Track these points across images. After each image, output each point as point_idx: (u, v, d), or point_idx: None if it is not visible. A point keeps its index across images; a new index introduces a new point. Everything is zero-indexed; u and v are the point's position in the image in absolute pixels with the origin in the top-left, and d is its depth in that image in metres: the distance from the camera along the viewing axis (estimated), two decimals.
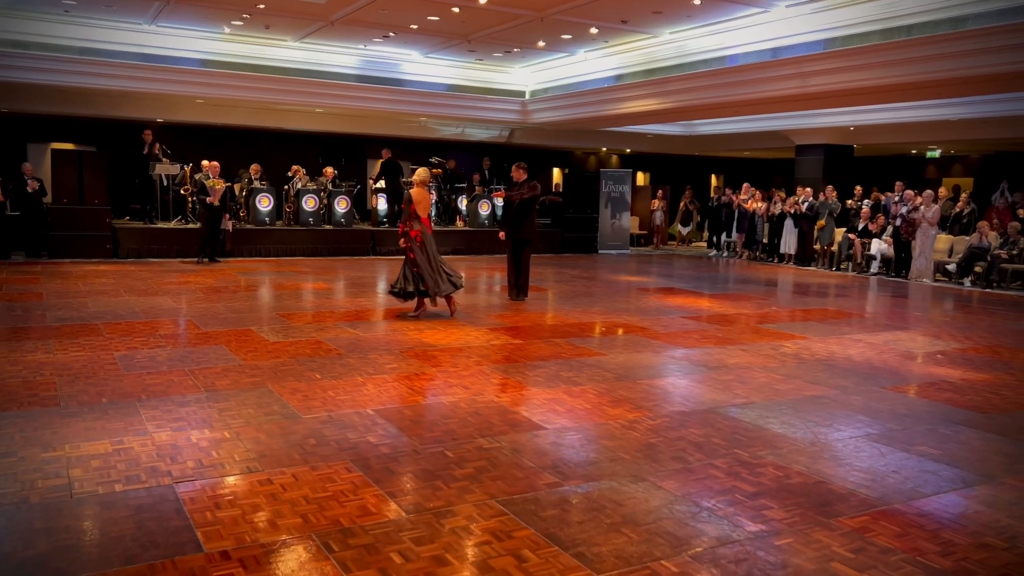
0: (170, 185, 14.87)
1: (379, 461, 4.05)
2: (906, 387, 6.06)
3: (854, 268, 15.41)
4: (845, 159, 18.90)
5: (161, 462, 3.94)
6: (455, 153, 20.66)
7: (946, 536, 3.35)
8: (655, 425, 4.83)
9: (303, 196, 15.66)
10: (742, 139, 20.57)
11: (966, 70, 10.25)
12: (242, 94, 15.55)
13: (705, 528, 3.36)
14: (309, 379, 5.68)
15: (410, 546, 3.11)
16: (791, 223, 16.50)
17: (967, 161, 21.28)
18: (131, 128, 15.68)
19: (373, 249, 16.09)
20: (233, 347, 6.70)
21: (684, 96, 14.43)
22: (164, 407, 4.87)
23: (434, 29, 14.11)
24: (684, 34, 13.95)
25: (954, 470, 4.19)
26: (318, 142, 19.02)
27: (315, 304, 9.55)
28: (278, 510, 3.42)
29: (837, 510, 3.59)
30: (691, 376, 6.26)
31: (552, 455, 4.24)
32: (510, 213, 10.10)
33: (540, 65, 17.61)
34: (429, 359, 6.48)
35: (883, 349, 7.51)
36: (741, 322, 8.91)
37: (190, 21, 13.98)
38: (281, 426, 4.57)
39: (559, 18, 12.93)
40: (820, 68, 11.90)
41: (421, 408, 5.07)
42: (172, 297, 9.52)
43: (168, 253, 14.06)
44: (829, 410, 5.30)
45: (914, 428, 4.94)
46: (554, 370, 6.22)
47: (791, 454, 4.36)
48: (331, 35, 14.82)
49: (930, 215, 13.74)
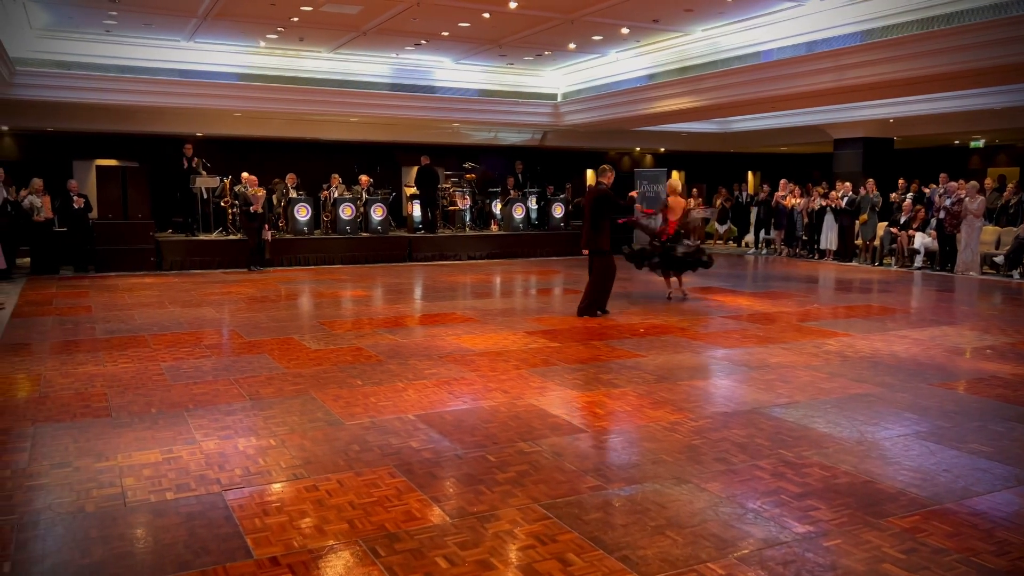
0: (210, 198, 15.15)
1: (422, 466, 4.08)
2: (955, 383, 5.93)
3: (897, 263, 15.12)
4: (885, 152, 18.55)
5: (210, 470, 4.02)
6: (488, 157, 20.74)
7: (1000, 535, 3.28)
8: (697, 427, 4.80)
9: (340, 205, 15.84)
10: (778, 135, 20.31)
11: (1008, 57, 10.01)
12: (278, 106, 15.80)
13: (751, 530, 3.33)
14: (351, 386, 5.74)
15: (455, 551, 3.13)
16: (831, 219, 16.25)
17: (1013, 150, 20.75)
18: (172, 143, 16.02)
19: (409, 255, 16.21)
20: (276, 355, 6.80)
21: (718, 93, 14.31)
22: (211, 416, 4.97)
23: (465, 35, 14.18)
24: (716, 31, 13.83)
25: (1007, 467, 4.09)
26: (353, 151, 19.24)
27: (354, 311, 9.65)
28: (324, 516, 3.47)
29: (887, 510, 3.53)
30: (733, 376, 6.20)
31: (594, 458, 4.23)
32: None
33: (571, 67, 17.60)
34: (468, 364, 6.51)
35: (929, 345, 7.35)
36: (782, 320, 8.80)
37: (226, 36, 14.25)
38: (325, 433, 4.63)
39: (589, 20, 12.92)
40: (857, 60, 11.70)
41: (462, 413, 5.09)
42: (215, 308, 9.69)
43: (210, 264, 14.33)
44: (875, 408, 5.21)
45: (964, 425, 4.83)
46: (593, 373, 6.21)
47: (837, 454, 4.29)
48: (364, 45, 14.99)
49: (975, 207, 13.43)
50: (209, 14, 12.47)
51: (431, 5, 11.96)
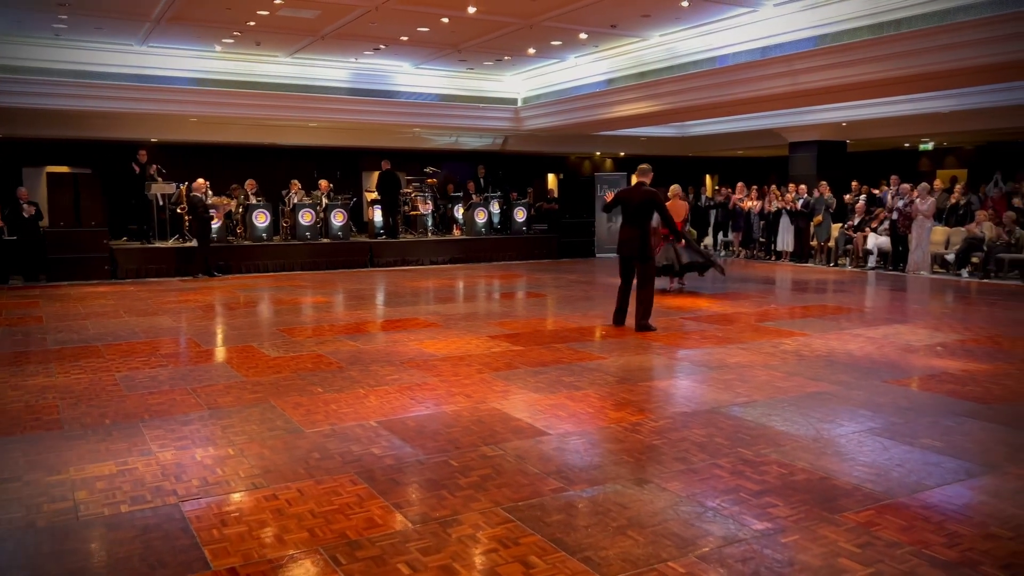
0: (166, 204, 14.90)
1: (384, 472, 4.06)
2: (907, 380, 6.07)
3: (852, 263, 15.43)
4: (838, 155, 18.94)
5: (166, 481, 3.95)
6: (450, 162, 20.72)
7: (952, 528, 3.36)
8: (658, 427, 4.84)
9: (299, 210, 15.69)
10: (735, 138, 20.62)
11: (956, 62, 10.29)
12: (235, 111, 15.60)
13: (711, 528, 3.36)
14: (311, 393, 5.69)
15: (417, 556, 3.12)
16: (787, 220, 16.54)
17: (960, 152, 21.33)
18: (126, 149, 15.70)
19: (371, 261, 16.11)
20: (235, 364, 6.71)
21: (676, 98, 14.48)
22: (167, 426, 4.88)
23: (424, 40, 14.16)
24: (673, 36, 14.01)
25: (958, 461, 4.19)
26: (313, 156, 19.07)
27: (315, 318, 9.56)
28: (284, 525, 3.43)
29: (842, 505, 3.60)
30: (692, 377, 6.27)
31: (556, 460, 4.25)
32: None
33: (531, 72, 17.67)
34: (430, 369, 6.49)
35: (883, 343, 7.52)
36: (741, 321, 8.93)
37: (181, 40, 14.03)
38: (285, 441, 4.58)
39: (548, 24, 12.99)
40: (810, 65, 11.94)
41: (424, 418, 5.07)
42: (172, 316, 9.53)
43: (167, 272, 14.09)
44: (831, 406, 5.31)
45: (917, 421, 4.95)
46: (555, 375, 6.23)
47: (795, 451, 4.37)
48: (322, 49, 14.88)
49: (925, 207, 13.77)
50: (162, 18, 12.27)
51: (389, 10, 11.92)
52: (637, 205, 8.10)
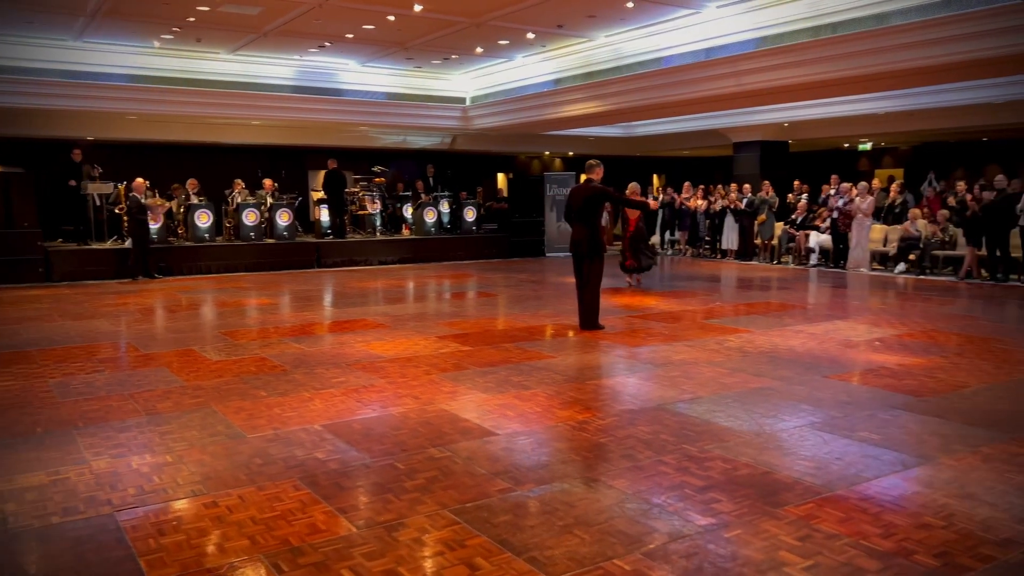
0: (104, 204, 14.46)
1: (328, 477, 3.99)
2: (847, 375, 6.22)
3: (794, 261, 15.78)
4: (781, 155, 19.36)
5: (100, 491, 3.82)
6: (398, 161, 20.58)
7: (888, 518, 3.44)
8: (605, 425, 4.86)
9: (243, 210, 15.39)
10: (681, 139, 20.91)
11: (891, 64, 10.60)
12: (175, 109, 15.25)
13: (656, 525, 3.39)
14: (254, 397, 5.57)
15: (361, 561, 3.07)
16: (731, 219, 16.83)
17: (897, 153, 21.99)
18: (60, 147, 15.20)
19: (318, 261, 15.89)
20: (175, 368, 6.54)
21: (622, 98, 14.62)
22: (103, 434, 4.73)
23: (370, 38, 14.03)
24: (619, 37, 14.13)
25: (894, 453, 4.31)
26: (257, 155, 18.73)
27: (259, 320, 9.38)
28: (225, 533, 3.34)
29: (784, 499, 3.66)
30: (639, 374, 6.32)
31: (504, 460, 4.23)
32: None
33: (479, 71, 17.65)
34: (377, 371, 6.42)
35: (824, 339, 7.69)
36: (687, 319, 9.04)
37: (117, 36, 13.65)
38: (226, 447, 4.47)
39: (495, 24, 12.98)
40: (753, 67, 12.17)
41: (370, 421, 5.01)
42: (110, 320, 9.25)
43: (105, 274, 13.67)
44: (774, 401, 5.41)
45: (855, 415, 5.07)
46: (504, 375, 6.22)
47: (738, 446, 4.43)
48: (265, 46, 14.63)
49: (865, 206, 14.14)
50: (98, 13, 11.92)
51: (334, 7, 11.78)
52: (585, 201, 8.04)
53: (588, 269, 8.08)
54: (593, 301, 8.21)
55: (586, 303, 8.21)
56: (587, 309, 8.21)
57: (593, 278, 8.11)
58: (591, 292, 8.17)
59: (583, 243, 8.04)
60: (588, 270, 8.09)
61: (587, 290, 8.16)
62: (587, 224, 8.02)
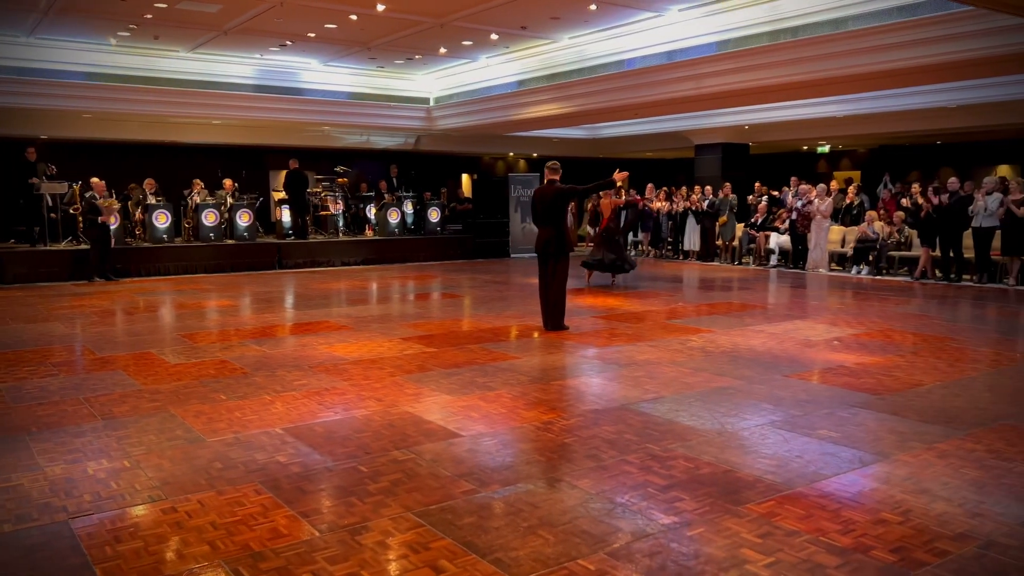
0: (58, 205, 14.13)
1: (290, 481, 3.94)
2: (806, 374, 6.32)
3: (755, 261, 15.99)
4: (741, 157, 19.61)
5: (55, 498, 3.72)
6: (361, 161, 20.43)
7: (846, 515, 3.50)
8: (569, 425, 4.88)
9: (202, 211, 15.15)
10: (644, 141, 21.07)
11: (847, 69, 10.81)
12: (132, 107, 14.97)
13: (620, 524, 3.40)
14: (214, 401, 5.48)
15: (324, 566, 3.03)
16: (693, 221, 17.01)
17: (854, 155, 22.42)
18: (13, 146, 14.82)
19: (279, 263, 15.71)
20: (132, 371, 6.41)
21: (585, 100, 14.69)
22: (57, 439, 4.61)
23: (333, 37, 13.91)
24: (583, 39, 14.20)
25: (852, 451, 4.38)
26: (217, 155, 18.45)
27: (219, 322, 9.24)
28: (184, 539, 3.28)
29: (745, 497, 3.70)
30: (603, 374, 6.35)
31: (469, 462, 4.22)
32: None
33: (443, 72, 17.61)
34: (340, 373, 6.36)
35: (784, 338, 7.80)
36: (650, 319, 9.11)
37: (72, 33, 13.36)
38: (185, 451, 4.39)
39: (459, 24, 12.96)
40: (714, 70, 12.32)
41: (333, 424, 4.96)
42: (65, 322, 9.04)
43: (59, 276, 13.35)
44: (735, 400, 5.47)
45: (815, 413, 5.15)
46: (469, 376, 6.21)
47: (700, 445, 4.47)
48: (226, 45, 14.43)
49: (823, 208, 14.39)
50: (51, 9, 11.64)
51: (295, 5, 11.65)
52: (550, 202, 8.07)
53: (553, 269, 8.12)
54: (559, 302, 8.24)
55: (552, 303, 8.24)
56: (553, 309, 8.24)
57: (559, 278, 8.15)
58: (557, 292, 8.20)
59: (550, 243, 8.07)
60: (553, 270, 8.12)
61: (553, 290, 8.20)
62: (553, 225, 8.07)
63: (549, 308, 8.27)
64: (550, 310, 8.26)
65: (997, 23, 9.14)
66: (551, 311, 8.25)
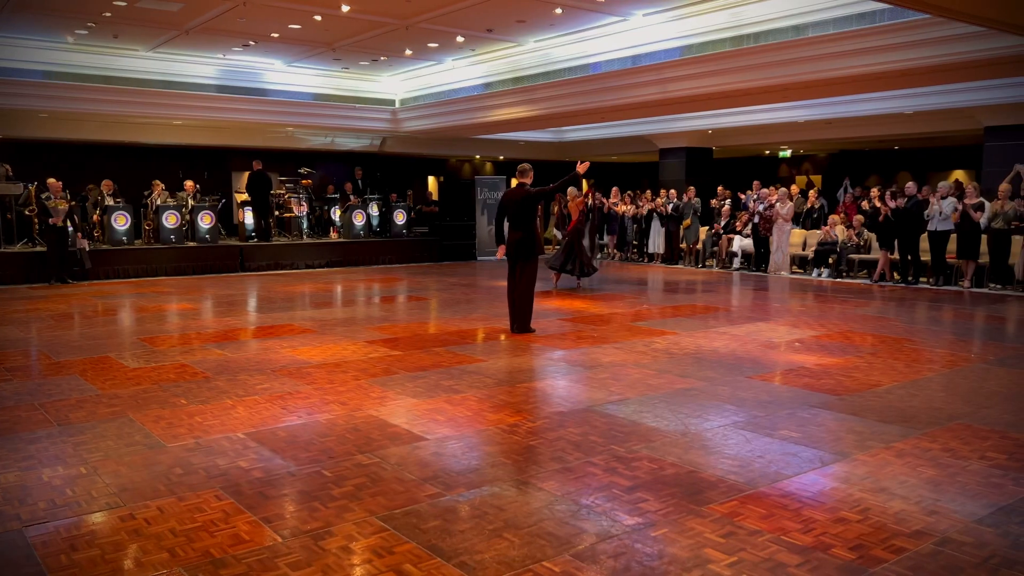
0: (13, 206, 13.80)
1: (251, 486, 3.89)
2: (768, 375, 6.40)
3: (718, 264, 16.17)
4: (705, 161, 19.83)
5: (7, 506, 3.63)
6: (326, 163, 20.26)
7: (807, 514, 3.55)
8: (535, 427, 4.88)
9: (163, 212, 14.90)
10: (609, 144, 21.20)
11: (808, 74, 10.99)
12: (91, 107, 14.67)
13: (585, 526, 3.41)
14: (174, 405, 5.39)
15: (287, 571, 3.00)
16: (658, 224, 17.15)
17: (815, 160, 22.80)
18: None
19: (242, 265, 15.51)
20: (89, 376, 6.27)
21: (551, 103, 14.74)
22: (10, 445, 4.50)
23: (296, 37, 13.78)
24: (548, 42, 14.25)
25: (813, 451, 4.45)
26: (179, 156, 18.17)
27: (180, 326, 9.10)
28: (142, 546, 3.22)
29: (708, 497, 3.74)
30: (568, 377, 6.37)
31: (434, 465, 4.20)
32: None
33: (409, 73, 17.54)
34: (304, 377, 6.29)
35: (746, 340, 7.90)
36: (615, 321, 9.16)
37: (28, 31, 13.06)
38: (144, 457, 4.31)
39: (425, 26, 12.92)
40: (678, 74, 12.43)
41: (296, 428, 4.91)
42: (20, 326, 8.82)
43: (14, 279, 13.04)
44: (699, 401, 5.52)
45: (776, 414, 5.22)
46: (435, 379, 6.18)
47: (664, 446, 4.50)
48: (187, 44, 14.21)
49: (785, 211, 14.61)
50: (6, 6, 11.37)
51: (259, 5, 11.53)
52: (520, 204, 8.08)
53: (522, 272, 8.14)
54: (527, 304, 8.25)
55: (519, 306, 8.25)
56: (520, 312, 8.25)
57: (527, 281, 8.17)
58: (525, 295, 8.22)
59: (520, 246, 8.08)
60: (522, 273, 8.14)
61: (521, 293, 8.21)
62: (523, 227, 8.09)
63: (516, 311, 8.27)
64: (517, 313, 8.27)
65: (954, 31, 9.36)
66: (518, 314, 8.26)
